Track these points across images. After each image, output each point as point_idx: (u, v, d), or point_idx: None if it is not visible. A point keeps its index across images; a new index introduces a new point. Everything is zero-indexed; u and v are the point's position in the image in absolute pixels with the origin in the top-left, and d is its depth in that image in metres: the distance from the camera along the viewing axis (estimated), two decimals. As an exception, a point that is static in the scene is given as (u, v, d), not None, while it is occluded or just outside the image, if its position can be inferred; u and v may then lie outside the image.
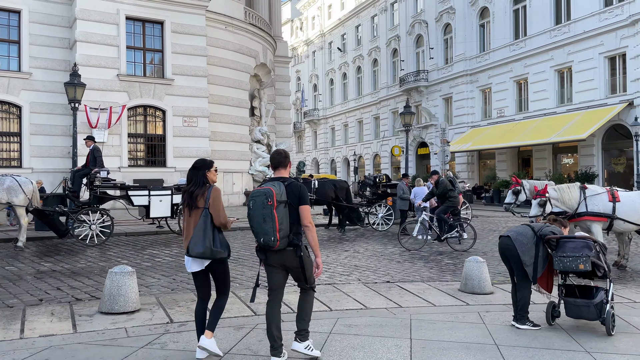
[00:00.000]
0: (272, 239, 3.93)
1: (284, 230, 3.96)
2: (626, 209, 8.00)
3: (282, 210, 3.97)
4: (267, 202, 3.93)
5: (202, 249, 4.06)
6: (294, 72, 56.91)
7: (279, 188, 4.01)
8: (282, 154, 4.30)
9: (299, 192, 4.08)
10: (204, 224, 4.10)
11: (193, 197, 4.16)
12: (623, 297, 6.60)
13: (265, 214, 3.91)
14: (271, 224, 3.91)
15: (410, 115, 19.36)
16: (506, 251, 5.27)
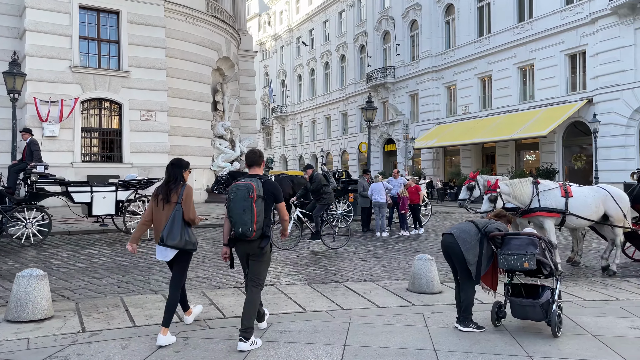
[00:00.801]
0: (250, 229, 4.26)
1: (260, 223, 4.31)
2: (578, 205, 7.85)
3: (260, 204, 4.34)
4: (249, 196, 4.28)
5: (177, 240, 4.44)
6: (262, 68, 56.22)
7: (258, 184, 4.37)
8: (257, 154, 4.68)
9: (274, 190, 4.46)
10: (176, 217, 4.48)
11: (169, 192, 4.54)
12: (573, 295, 6.41)
13: (246, 207, 4.26)
14: (250, 216, 4.25)
15: (372, 111, 19.10)
16: (449, 249, 4.96)
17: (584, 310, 5.74)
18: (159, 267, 7.98)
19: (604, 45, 21.90)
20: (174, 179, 4.61)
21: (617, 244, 8.11)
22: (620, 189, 8.33)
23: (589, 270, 8.47)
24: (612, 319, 5.37)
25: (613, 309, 5.82)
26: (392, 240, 11.80)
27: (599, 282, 7.28)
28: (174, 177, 4.61)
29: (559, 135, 24.58)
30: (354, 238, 12.15)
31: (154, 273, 7.60)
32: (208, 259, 8.99)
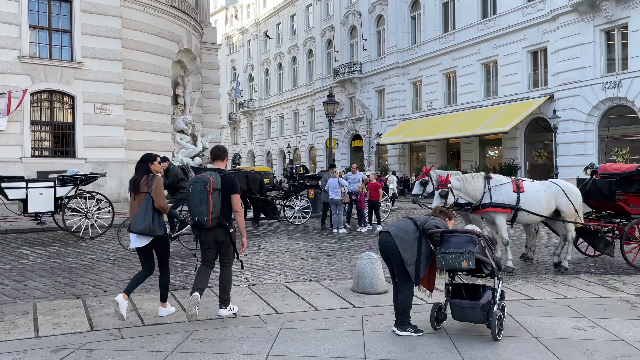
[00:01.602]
0: (205, 218, 4.74)
1: (216, 213, 4.79)
2: (530, 200, 7.67)
3: (217, 196, 4.78)
4: (205, 188, 4.73)
5: (142, 227, 4.81)
6: (229, 62, 55.29)
7: (216, 177, 4.80)
8: (221, 149, 5.17)
9: (232, 183, 4.88)
10: (146, 206, 4.86)
11: (137, 184, 4.96)
12: (521, 294, 6.20)
13: (202, 198, 4.72)
14: (206, 207, 4.72)
15: (333, 105, 18.75)
16: (386, 249, 4.63)
17: (530, 310, 5.52)
18: (93, 269, 7.44)
19: (565, 42, 22.13)
20: (140, 172, 5.07)
21: (569, 239, 7.98)
22: (572, 184, 8.20)
23: (542, 266, 8.33)
24: (558, 319, 5.15)
25: (560, 308, 5.62)
26: (348, 237, 11.49)
27: (549, 279, 7.11)
28: (140, 171, 5.08)
29: (521, 131, 24.80)
30: (309, 235, 11.80)
31: (83, 275, 7.06)
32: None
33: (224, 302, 5.06)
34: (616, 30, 20.70)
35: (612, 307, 5.67)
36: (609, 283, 6.85)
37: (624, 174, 8.27)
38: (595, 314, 5.37)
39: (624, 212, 8.33)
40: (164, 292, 5.08)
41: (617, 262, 8.42)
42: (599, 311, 5.48)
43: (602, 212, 8.91)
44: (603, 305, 5.74)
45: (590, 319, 5.19)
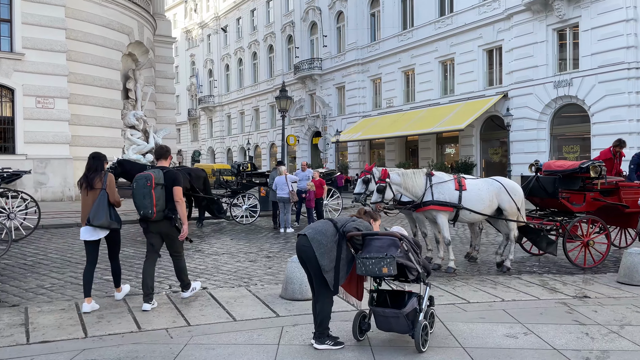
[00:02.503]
0: (150, 212, 5.15)
1: (160, 206, 5.18)
2: (472, 198, 7.43)
3: (160, 191, 5.19)
4: (147, 184, 5.14)
5: (102, 220, 5.17)
6: (189, 57, 53.98)
7: (158, 174, 5.24)
8: (164, 149, 5.61)
9: (173, 177, 5.29)
10: (102, 201, 5.20)
11: (89, 180, 5.26)
12: (458, 297, 5.92)
13: (145, 193, 5.13)
14: (149, 201, 5.12)
15: (286, 100, 18.26)
16: (302, 253, 4.21)
17: (464, 315, 5.22)
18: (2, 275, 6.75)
19: (518, 41, 22.33)
20: (95, 169, 5.36)
21: (512, 238, 7.79)
22: (514, 182, 8.02)
23: (485, 266, 8.12)
24: (491, 326, 4.87)
25: (495, 312, 5.35)
26: (295, 238, 11.04)
27: (490, 280, 6.87)
28: (94, 168, 5.37)
29: (477, 129, 24.96)
30: (254, 235, 11.32)
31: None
32: (68, 261, 7.81)
33: (185, 286, 5.66)
34: (568, 30, 20.99)
35: (548, 310, 5.44)
36: (549, 284, 6.66)
37: (566, 171, 8.15)
38: (530, 318, 5.12)
39: (567, 210, 8.21)
40: (116, 279, 5.59)
41: (561, 260, 8.30)
42: (534, 315, 5.24)
43: (546, 210, 8.79)
44: (540, 308, 5.51)
45: (525, 324, 4.93)
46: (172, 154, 6.42)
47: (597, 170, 7.86)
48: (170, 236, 5.43)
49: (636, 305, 5.66)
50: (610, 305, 5.66)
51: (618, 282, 6.73)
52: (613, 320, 5.10)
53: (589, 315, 5.25)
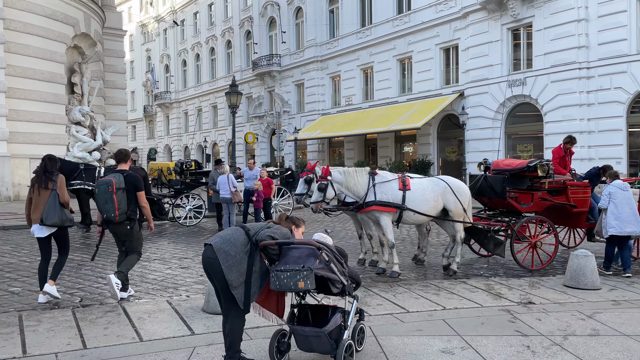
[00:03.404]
0: (113, 215, 5.49)
1: (122, 209, 5.51)
2: (416, 198, 7.06)
3: (121, 194, 5.51)
4: (108, 189, 5.46)
5: (55, 219, 5.54)
6: (144, 51, 52.25)
7: (119, 178, 5.55)
8: (124, 153, 5.92)
9: (134, 182, 5.62)
10: (54, 201, 5.55)
11: (43, 180, 5.61)
12: (397, 306, 5.50)
13: (107, 198, 5.46)
14: (112, 205, 5.46)
15: (236, 96, 17.59)
16: (208, 266, 3.67)
17: (400, 328, 4.80)
18: None
19: (474, 39, 22.36)
20: (49, 170, 5.71)
21: (458, 240, 7.47)
22: (460, 181, 7.70)
23: (432, 269, 7.77)
24: (427, 340, 4.46)
25: (434, 323, 4.96)
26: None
27: (434, 285, 6.51)
28: (49, 168, 5.72)
29: (434, 127, 24.93)
30: (194, 238, 10.67)
31: None
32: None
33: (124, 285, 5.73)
34: (522, 30, 21.14)
35: (490, 319, 5.09)
36: (494, 288, 6.35)
37: (514, 170, 7.90)
38: (470, 330, 4.75)
39: (515, 210, 7.97)
40: (55, 272, 5.72)
41: (509, 262, 8.05)
42: (475, 326, 4.88)
43: (495, 210, 8.53)
44: (482, 317, 5.16)
45: (464, 337, 4.55)
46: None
47: (544, 169, 7.63)
48: (130, 238, 5.76)
49: (581, 311, 5.39)
50: (555, 312, 5.36)
51: (564, 286, 6.49)
52: (557, 330, 4.79)
53: (532, 325, 4.92)
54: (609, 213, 7.11)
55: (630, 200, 7.10)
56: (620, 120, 18.12)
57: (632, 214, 7.03)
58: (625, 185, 7.13)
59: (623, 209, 7.00)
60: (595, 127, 18.61)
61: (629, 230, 7.02)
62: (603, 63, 18.33)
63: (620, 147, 18.14)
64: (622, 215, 6.99)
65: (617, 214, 7.03)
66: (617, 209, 7.03)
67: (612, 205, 7.07)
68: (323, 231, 4.52)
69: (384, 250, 7.45)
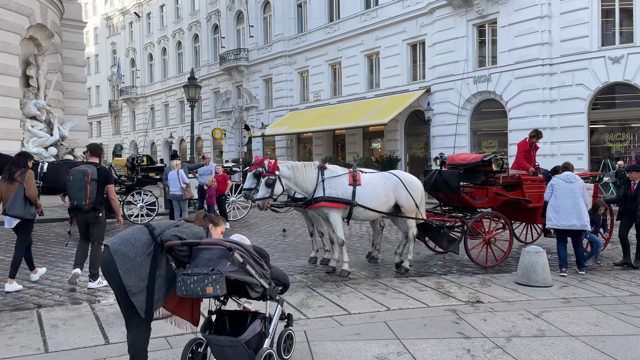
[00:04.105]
0: (83, 203, 5.89)
1: (92, 199, 5.93)
2: (367, 194, 6.78)
3: (94, 185, 5.94)
4: (84, 178, 5.90)
5: (18, 210, 5.97)
6: (109, 45, 50.81)
7: (93, 170, 5.98)
8: (99, 148, 6.42)
9: (106, 175, 6.10)
10: (19, 194, 5.99)
11: (11, 174, 6.08)
12: (339, 307, 5.21)
13: (82, 186, 5.88)
14: (84, 193, 5.87)
15: (195, 89, 17.05)
16: (105, 270, 3.28)
17: (337, 332, 4.50)
18: None
19: (440, 35, 22.29)
20: (17, 165, 6.14)
21: (410, 237, 7.22)
22: (412, 176, 7.44)
23: (385, 267, 7.51)
24: (363, 344, 4.17)
25: (375, 325, 4.67)
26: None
27: (383, 284, 6.24)
28: (17, 163, 6.17)
29: (402, 123, 24.82)
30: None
31: None
32: None
33: (93, 276, 6.13)
34: (487, 26, 21.16)
35: (435, 320, 4.84)
36: (444, 287, 6.12)
37: (469, 164, 7.71)
38: (411, 332, 4.48)
39: (470, 205, 7.77)
40: (13, 269, 5.96)
41: (463, 259, 7.86)
42: (417, 328, 4.61)
43: (451, 205, 8.32)
44: (426, 318, 4.90)
45: (403, 340, 4.28)
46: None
47: (499, 163, 7.45)
48: (95, 225, 6.06)
49: (529, 310, 5.19)
50: (502, 311, 5.15)
51: (516, 283, 6.31)
52: (501, 331, 4.56)
53: (476, 326, 4.68)
54: (549, 205, 6.95)
55: (574, 193, 6.76)
56: (582, 117, 18.30)
57: (573, 207, 6.72)
58: (571, 178, 6.85)
59: (564, 201, 6.77)
60: (558, 123, 18.76)
61: (567, 223, 6.76)
62: (565, 60, 18.47)
63: (582, 143, 18.33)
64: (562, 208, 6.77)
65: (556, 206, 6.83)
66: (557, 201, 6.84)
67: (554, 197, 6.90)
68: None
69: (334, 248, 7.14)
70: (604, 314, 5.07)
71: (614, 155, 18.38)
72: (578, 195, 6.70)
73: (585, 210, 6.75)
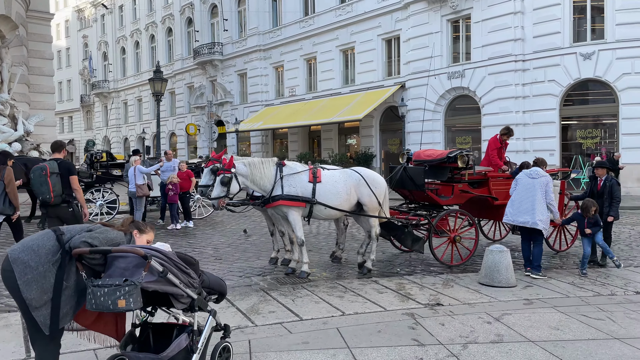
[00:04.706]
0: (48, 196, 6.12)
1: (57, 192, 6.12)
2: (327, 191, 6.49)
3: (55, 178, 6.12)
4: (42, 173, 6.12)
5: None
6: (81, 38, 49.54)
7: (53, 164, 6.20)
8: (58, 143, 6.50)
9: (68, 167, 6.29)
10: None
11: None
12: (291, 312, 4.92)
13: (42, 181, 6.11)
14: (46, 187, 6.10)
15: (160, 83, 16.52)
16: (5, 281, 2.91)
17: (285, 340, 4.20)
18: None
19: (415, 31, 22.13)
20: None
21: (373, 236, 6.96)
22: (375, 173, 7.16)
23: (348, 268, 7.24)
24: (309, 355, 3.89)
25: (326, 333, 4.39)
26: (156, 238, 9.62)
27: (342, 286, 5.97)
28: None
29: (377, 119, 24.64)
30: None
31: None
32: None
33: None
34: (461, 21, 21.07)
35: (390, 326, 4.58)
36: (405, 288, 5.88)
37: (434, 161, 7.47)
38: (363, 340, 4.21)
39: (436, 203, 7.55)
40: None
41: (429, 258, 7.63)
42: (371, 335, 4.35)
43: (418, 203, 8.09)
44: (381, 324, 4.64)
45: (353, 349, 4.00)
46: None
47: (464, 160, 7.23)
48: (69, 220, 6.07)
49: (490, 313, 4.97)
50: (461, 314, 4.92)
51: (479, 283, 6.10)
52: (458, 337, 4.33)
53: (433, 331, 4.44)
54: (509, 200, 6.76)
55: (534, 190, 6.49)
56: (554, 113, 18.35)
57: (530, 203, 6.45)
58: (534, 174, 6.59)
59: (522, 197, 6.55)
60: (530, 119, 18.78)
61: (520, 219, 6.52)
62: (538, 56, 18.49)
63: (554, 139, 18.39)
64: (519, 203, 6.55)
65: (514, 201, 6.63)
66: (515, 196, 6.63)
67: (515, 192, 6.70)
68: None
69: (293, 248, 6.84)
70: (566, 316, 4.88)
71: (586, 151, 18.50)
72: (536, 192, 6.46)
73: (542, 208, 6.44)
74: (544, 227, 6.44)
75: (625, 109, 17.05)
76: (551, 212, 6.60)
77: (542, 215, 6.40)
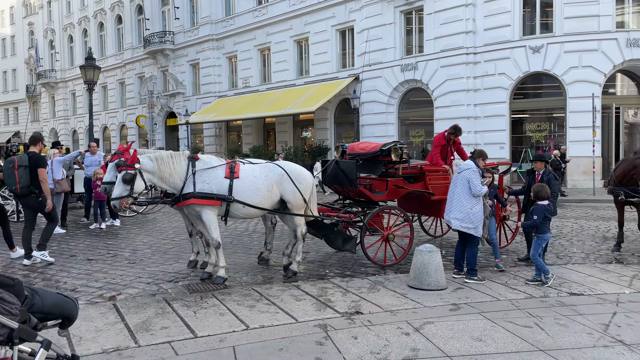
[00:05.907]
0: (14, 187, 6.75)
1: (23, 183, 6.69)
2: (246, 188, 5.90)
3: (22, 171, 6.69)
4: (10, 166, 6.73)
5: None
6: (26, 25, 46.97)
7: (22, 158, 6.79)
8: (35, 137, 7.17)
9: (36, 160, 6.79)
10: None
11: None
12: (187, 328, 4.31)
13: (10, 174, 6.70)
14: (13, 179, 6.69)
15: (92, 71, 15.50)
16: None
17: (166, 363, 3.60)
18: None
19: (369, 22, 21.71)
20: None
21: (299, 236, 6.42)
22: (301, 167, 6.61)
23: (274, 270, 6.68)
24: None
25: (217, 353, 3.82)
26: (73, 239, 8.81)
27: (258, 292, 5.41)
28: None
29: (331, 112, 24.15)
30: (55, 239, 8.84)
31: None
32: None
33: (40, 246, 6.93)
34: (414, 13, 20.77)
35: (295, 342, 4.05)
36: (327, 294, 5.37)
37: (367, 154, 7.01)
38: (259, 360, 3.66)
39: (370, 199, 7.08)
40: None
41: (363, 258, 7.15)
42: (270, 354, 3.81)
43: (352, 199, 7.61)
44: (286, 339, 4.11)
45: (242, 373, 3.44)
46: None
47: (398, 153, 6.78)
48: (38, 209, 6.88)
49: (411, 322, 4.52)
50: (379, 324, 4.44)
51: (408, 286, 5.66)
52: (369, 353, 3.84)
53: (342, 347, 3.94)
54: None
55: (454, 185, 6.06)
56: (504, 106, 18.31)
57: (453, 201, 6.01)
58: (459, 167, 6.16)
59: (450, 194, 6.15)
60: (481, 112, 18.69)
61: (446, 217, 6.15)
62: (488, 49, 18.38)
63: (504, 132, 18.36)
64: (448, 200, 6.16)
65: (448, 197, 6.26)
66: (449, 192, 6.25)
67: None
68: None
69: (210, 251, 6.23)
70: (492, 324, 4.47)
71: (535, 144, 18.56)
72: (456, 188, 6.02)
73: (460, 206, 5.91)
74: (462, 226, 5.94)
75: (572, 103, 17.14)
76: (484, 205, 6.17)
77: (460, 213, 5.95)
